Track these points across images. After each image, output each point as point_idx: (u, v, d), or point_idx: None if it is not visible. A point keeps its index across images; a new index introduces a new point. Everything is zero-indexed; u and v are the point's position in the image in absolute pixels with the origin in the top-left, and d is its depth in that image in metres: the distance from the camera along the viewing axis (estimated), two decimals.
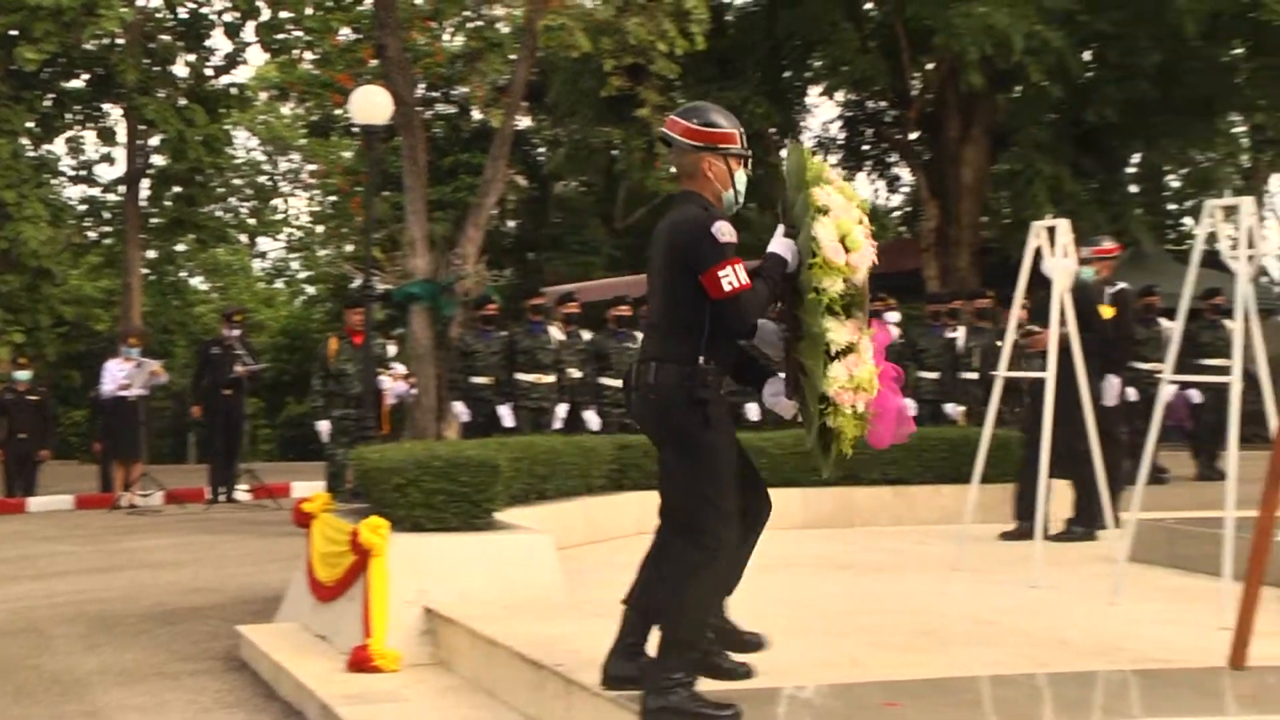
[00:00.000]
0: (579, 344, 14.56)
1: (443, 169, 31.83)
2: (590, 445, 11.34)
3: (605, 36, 17.38)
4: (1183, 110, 22.83)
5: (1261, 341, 7.75)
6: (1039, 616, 7.28)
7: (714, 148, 5.55)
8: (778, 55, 23.20)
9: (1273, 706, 5.62)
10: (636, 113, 18.77)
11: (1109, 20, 21.39)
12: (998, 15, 19.72)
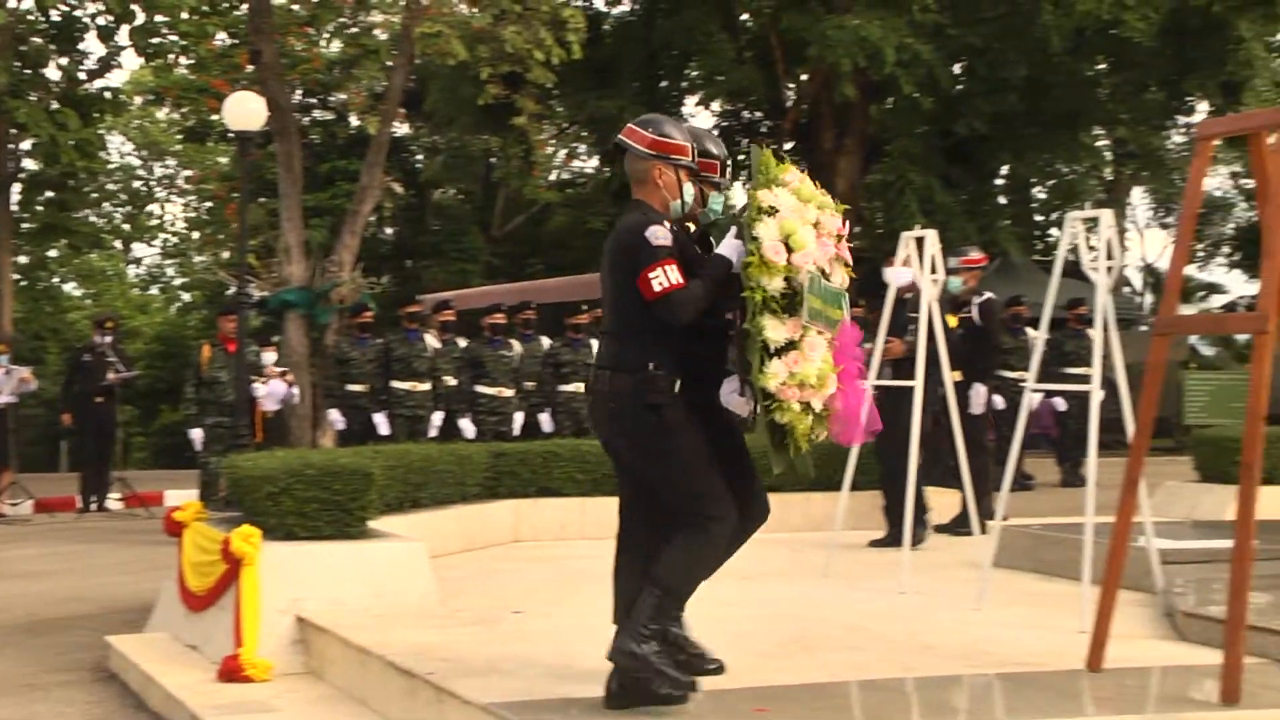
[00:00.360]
0: (455, 351, 14.49)
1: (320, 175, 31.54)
2: (465, 453, 11.28)
3: (482, 45, 17.35)
4: (1049, 123, 23.25)
5: (1120, 350, 7.89)
6: (906, 622, 7.34)
7: (666, 158, 5.69)
8: (654, 65, 23.30)
9: (1127, 707, 5.72)
10: (514, 121, 18.76)
11: (978, 34, 21.72)
12: (870, 28, 19.95)
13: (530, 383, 14.55)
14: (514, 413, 14.30)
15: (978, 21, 21.75)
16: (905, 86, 20.78)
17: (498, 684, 5.89)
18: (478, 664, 6.34)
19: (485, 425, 14.06)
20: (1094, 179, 30.56)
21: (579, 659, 6.45)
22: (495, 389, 14.17)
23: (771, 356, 5.35)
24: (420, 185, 36.03)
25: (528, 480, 11.51)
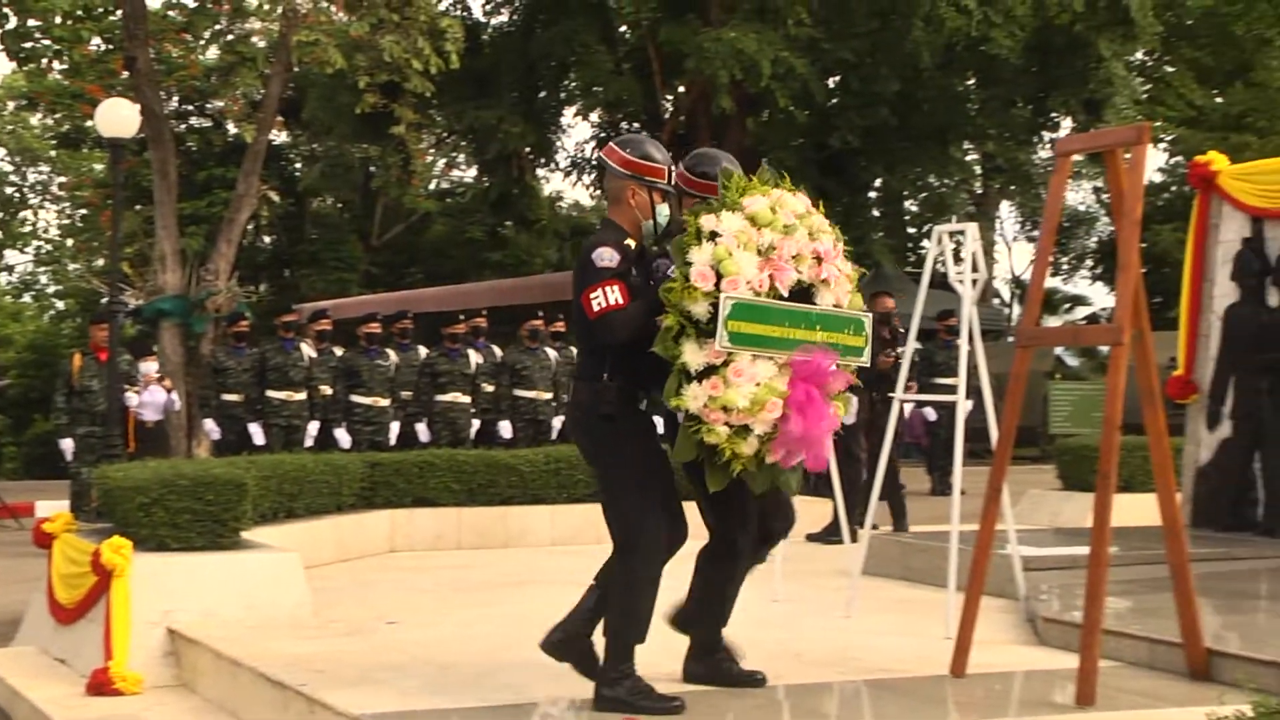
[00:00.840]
0: (331, 361, 14.37)
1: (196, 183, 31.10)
2: (341, 463, 11.19)
3: (360, 53, 17.24)
4: (920, 137, 23.56)
5: (985, 361, 8.02)
6: (777, 629, 7.37)
7: (640, 178, 5.81)
8: (533, 75, 23.24)
9: (988, 711, 5.83)
10: (392, 130, 18.65)
11: (851, 49, 21.96)
12: (746, 41, 20.08)
13: (407, 392, 14.47)
14: (390, 422, 14.21)
15: (851, 36, 21.98)
16: (781, 99, 20.94)
17: (371, 695, 5.86)
18: (351, 675, 6.30)
19: (361, 435, 13.95)
20: (964, 192, 31.00)
21: (454, 669, 6.44)
22: (371, 399, 14.07)
23: (691, 380, 5.42)
24: (298, 194, 35.65)
25: (403, 490, 11.44)
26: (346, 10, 17.82)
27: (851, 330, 5.71)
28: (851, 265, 5.82)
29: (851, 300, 5.75)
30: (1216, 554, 9.79)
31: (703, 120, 23.61)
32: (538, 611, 8.21)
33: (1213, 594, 8.14)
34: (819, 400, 5.56)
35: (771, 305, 5.56)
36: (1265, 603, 8.39)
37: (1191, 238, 11.49)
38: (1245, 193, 11.04)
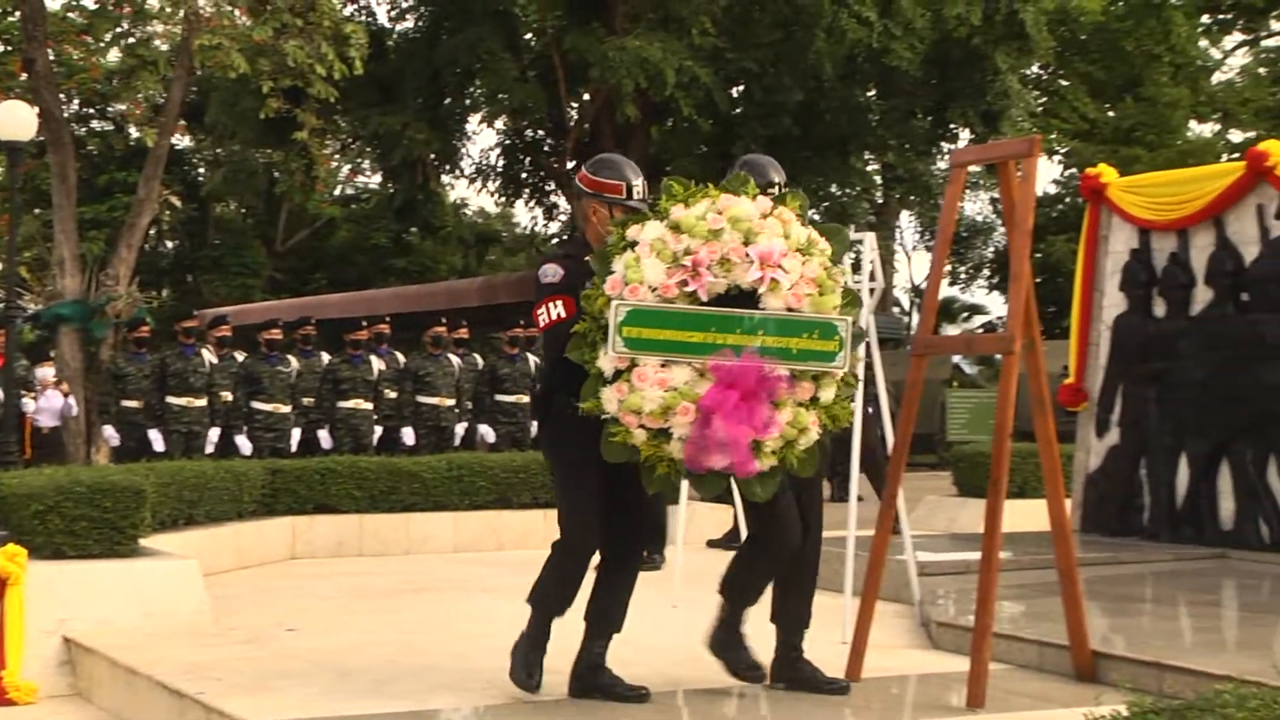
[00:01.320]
0: (232, 367, 14.22)
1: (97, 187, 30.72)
2: (241, 470, 11.10)
3: (263, 58, 17.07)
4: (821, 147, 23.74)
5: (882, 370, 8.10)
6: (678, 635, 7.35)
7: (598, 195, 5.99)
8: (438, 82, 23.13)
9: (882, 715, 5.88)
10: (295, 135, 18.50)
11: (754, 59, 22.06)
12: (651, 50, 20.11)
13: (309, 399, 14.36)
14: (291, 429, 14.09)
15: (754, 46, 22.07)
16: (685, 108, 21.01)
17: (269, 702, 5.82)
18: (249, 682, 6.25)
19: (262, 441, 13.82)
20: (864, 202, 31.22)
21: (353, 676, 6.41)
22: (272, 405, 13.93)
23: (605, 384, 5.54)
24: (201, 198, 35.31)
25: (305, 497, 11.37)
26: (250, 14, 17.65)
27: (818, 334, 5.58)
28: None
29: (821, 303, 5.61)
30: (1104, 558, 9.96)
31: (607, 128, 23.64)
32: (438, 619, 8.23)
33: (1100, 597, 8.28)
34: (739, 404, 5.53)
35: (679, 310, 5.57)
36: (1150, 605, 8.53)
37: (1082, 248, 11.66)
38: (1133, 205, 11.23)
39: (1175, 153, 30.36)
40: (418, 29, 24.50)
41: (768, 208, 5.70)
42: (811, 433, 5.63)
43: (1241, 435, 10.41)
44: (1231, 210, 10.61)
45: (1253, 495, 10.34)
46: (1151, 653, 6.54)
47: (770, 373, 5.54)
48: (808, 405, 5.59)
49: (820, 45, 21.45)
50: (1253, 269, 10.47)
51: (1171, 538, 10.69)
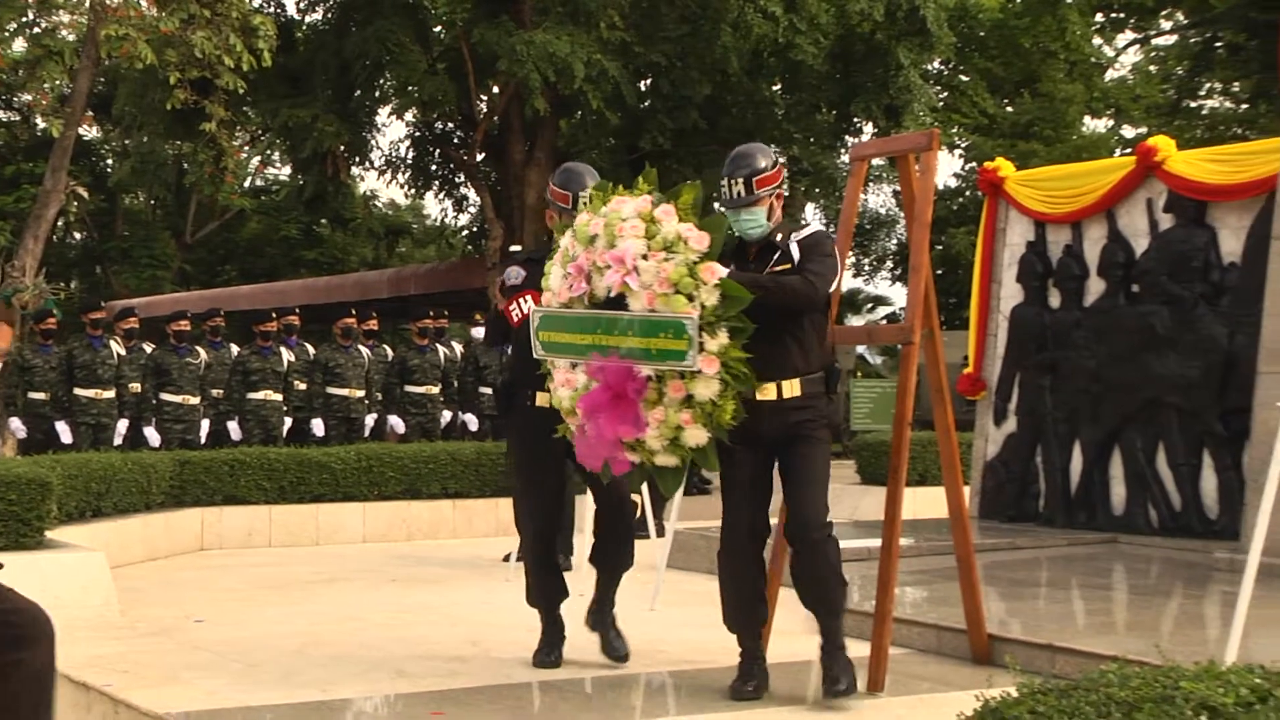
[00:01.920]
0: (140, 358, 14.04)
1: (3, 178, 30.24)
2: (150, 461, 10.98)
3: (171, 49, 16.87)
4: (728, 140, 23.70)
5: None
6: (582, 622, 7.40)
7: (552, 202, 6.50)
8: (348, 74, 22.91)
9: (786, 699, 5.92)
10: (204, 126, 18.29)
11: (662, 53, 22.04)
12: (559, 44, 20.06)
13: (218, 390, 14.21)
14: (200, 420, 13.93)
15: (662, 41, 22.06)
16: (593, 101, 20.96)
17: (176, 694, 5.77)
18: (157, 675, 6.20)
19: (171, 433, 13.65)
20: None
21: (261, 667, 6.36)
22: (181, 397, 13.77)
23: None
24: (109, 190, 34.84)
25: (214, 488, 11.28)
26: (157, 5, 17.43)
27: (671, 334, 5.51)
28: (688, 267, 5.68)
29: (674, 303, 5.51)
30: (1001, 544, 10.08)
31: (516, 121, 23.56)
32: (347, 608, 8.18)
33: (997, 582, 8.39)
34: (612, 405, 5.57)
35: (569, 314, 5.73)
36: (1044, 589, 8.65)
37: (981, 241, 11.80)
38: (1030, 198, 11.37)
39: (1070, 147, 30.72)
40: (327, 21, 24.28)
41: (645, 207, 5.64)
42: (697, 431, 5.56)
43: (1132, 423, 10.59)
44: (1122, 204, 10.78)
45: (1142, 482, 10.51)
46: (1045, 635, 6.64)
47: (637, 373, 5.55)
48: (679, 405, 5.53)
49: (726, 40, 21.49)
50: (1142, 261, 10.64)
51: (1066, 523, 10.85)
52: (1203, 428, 10.17)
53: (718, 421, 5.55)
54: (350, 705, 5.72)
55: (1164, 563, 9.56)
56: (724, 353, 5.47)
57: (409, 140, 26.24)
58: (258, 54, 16.86)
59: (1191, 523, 10.18)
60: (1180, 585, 8.70)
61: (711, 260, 5.52)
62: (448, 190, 27.27)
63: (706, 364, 5.46)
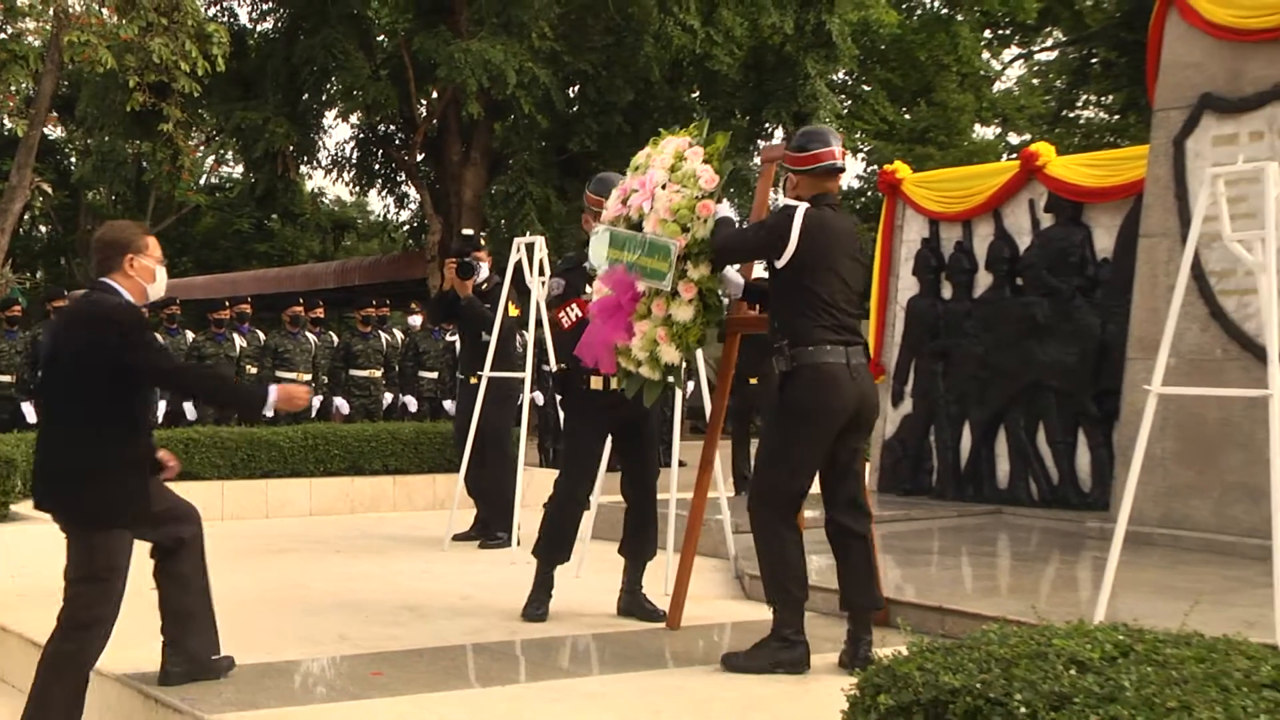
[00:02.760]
0: None
1: None
2: None
3: (130, 54, 16.61)
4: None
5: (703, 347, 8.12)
6: (514, 590, 7.33)
7: (588, 208, 6.73)
8: (297, 79, 22.67)
9: (698, 660, 5.94)
10: (161, 127, 18.05)
11: (589, 62, 21.99)
12: (493, 52, 19.95)
13: None
14: (157, 402, 13.76)
15: (589, 50, 21.99)
16: (525, 106, 20.87)
17: (130, 655, 5.71)
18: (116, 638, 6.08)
19: None
20: None
21: None
22: None
23: None
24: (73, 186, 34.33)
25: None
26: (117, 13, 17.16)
27: (659, 256, 5.79)
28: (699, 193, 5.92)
29: (669, 229, 5.80)
30: (898, 515, 10.16)
31: (453, 124, 23.42)
32: (294, 577, 8.11)
33: (894, 550, 8.46)
34: (614, 312, 5.99)
35: (610, 231, 6.07)
36: (936, 557, 8.73)
37: (880, 237, 11.86)
38: (925, 198, 11.44)
39: (962, 152, 30.95)
40: (277, 29, 24.00)
41: (682, 146, 6.01)
42: (670, 349, 5.85)
43: (1015, 405, 10.69)
44: (1008, 204, 10.88)
45: (1024, 458, 10.62)
46: (936, 599, 6.70)
47: (634, 286, 5.91)
48: (660, 322, 5.83)
49: (649, 50, 21.48)
50: (1025, 256, 10.75)
51: (955, 496, 10.95)
52: (1078, 409, 10.30)
53: (686, 343, 5.83)
54: (296, 666, 5.68)
55: (1043, 532, 9.67)
56: (702, 282, 5.78)
57: (354, 141, 26.05)
58: (212, 60, 16.64)
59: (1068, 495, 10.31)
60: (1057, 552, 8.80)
61: (711, 200, 5.85)
62: (390, 188, 27.08)
63: (685, 289, 5.76)
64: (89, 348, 5.04)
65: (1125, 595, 6.52)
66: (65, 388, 5.10)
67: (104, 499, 5.07)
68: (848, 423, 5.61)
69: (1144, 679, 2.70)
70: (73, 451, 5.06)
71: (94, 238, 5.29)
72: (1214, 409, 8.63)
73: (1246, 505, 8.38)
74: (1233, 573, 7.60)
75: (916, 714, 2.82)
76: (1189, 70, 9.01)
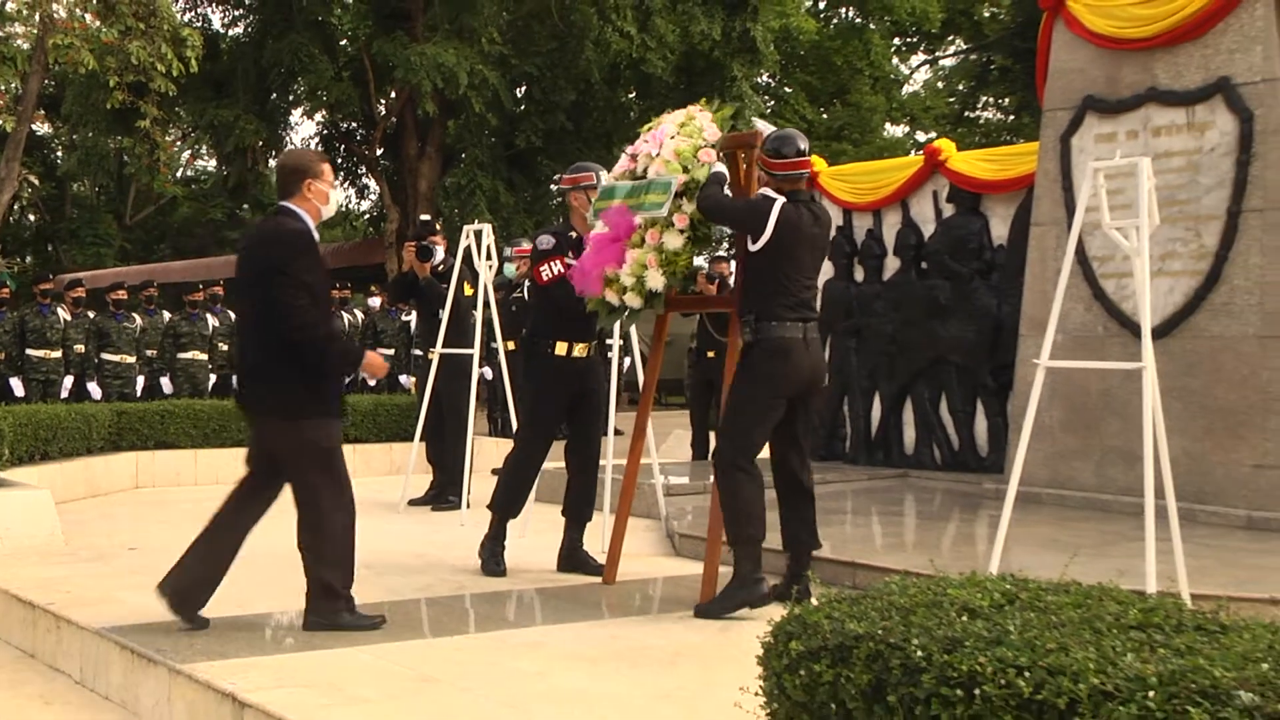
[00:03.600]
0: (84, 324, 13.66)
1: None
2: (91, 412, 10.69)
3: (110, 56, 16.35)
4: (590, 140, 23.66)
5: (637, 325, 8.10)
6: (464, 549, 7.34)
7: (576, 186, 6.85)
8: (265, 80, 22.39)
9: (632, 610, 5.94)
10: (139, 124, 17.79)
11: (534, 65, 21.90)
12: (446, 55, 19.82)
13: (152, 351, 13.88)
14: (136, 377, 13.61)
15: (534, 54, 21.88)
16: (476, 105, 20.75)
17: (110, 611, 5.65)
18: (94, 595, 6.05)
19: (111, 388, 13.32)
20: None
21: None
22: (119, 356, 13.44)
23: None
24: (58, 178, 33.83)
25: (147, 435, 11.03)
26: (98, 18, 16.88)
27: (660, 190, 6.01)
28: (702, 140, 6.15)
29: (671, 169, 6.03)
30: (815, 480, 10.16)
31: (410, 121, 23.25)
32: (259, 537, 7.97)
33: None
34: (610, 244, 6.10)
35: (615, 184, 6.32)
36: (850, 516, 8.77)
37: None
38: (840, 190, 11.47)
39: (874, 149, 31.07)
40: (247, 34, 23.68)
41: (694, 110, 6.32)
42: (656, 275, 5.99)
43: (921, 378, 10.76)
44: (914, 195, 10.92)
45: (928, 426, 10.69)
46: (848, 554, 6.74)
47: (631, 219, 6.08)
48: (652, 249, 6.02)
49: (589, 54, 21.41)
50: (929, 243, 10.80)
51: (867, 461, 11.01)
52: (977, 381, 10.37)
53: (674, 270, 6.02)
54: (263, 619, 5.64)
55: (945, 493, 9.74)
56: (694, 214, 6.01)
57: (318, 137, 25.81)
58: (186, 62, 16.41)
59: (968, 460, 10.39)
60: (958, 511, 8.87)
61: (713, 151, 6.08)
62: (351, 180, 26.86)
63: (679, 219, 5.98)
64: (265, 266, 5.28)
65: (1016, 549, 6.59)
66: (247, 300, 5.39)
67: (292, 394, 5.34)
68: (803, 389, 5.83)
69: (1027, 624, 2.73)
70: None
71: (277, 165, 6.01)
72: (1096, 381, 8.72)
73: (1122, 467, 8.49)
74: (1110, 528, 7.69)
75: (824, 658, 2.83)
76: (1073, 75, 9.08)
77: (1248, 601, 5.46)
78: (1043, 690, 2.41)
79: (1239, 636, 2.62)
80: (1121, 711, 2.30)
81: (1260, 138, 7.98)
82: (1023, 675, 2.46)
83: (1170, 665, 2.39)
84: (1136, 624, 2.76)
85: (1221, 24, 8.21)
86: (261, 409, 5.40)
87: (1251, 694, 2.25)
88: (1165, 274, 8.34)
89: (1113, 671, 2.40)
